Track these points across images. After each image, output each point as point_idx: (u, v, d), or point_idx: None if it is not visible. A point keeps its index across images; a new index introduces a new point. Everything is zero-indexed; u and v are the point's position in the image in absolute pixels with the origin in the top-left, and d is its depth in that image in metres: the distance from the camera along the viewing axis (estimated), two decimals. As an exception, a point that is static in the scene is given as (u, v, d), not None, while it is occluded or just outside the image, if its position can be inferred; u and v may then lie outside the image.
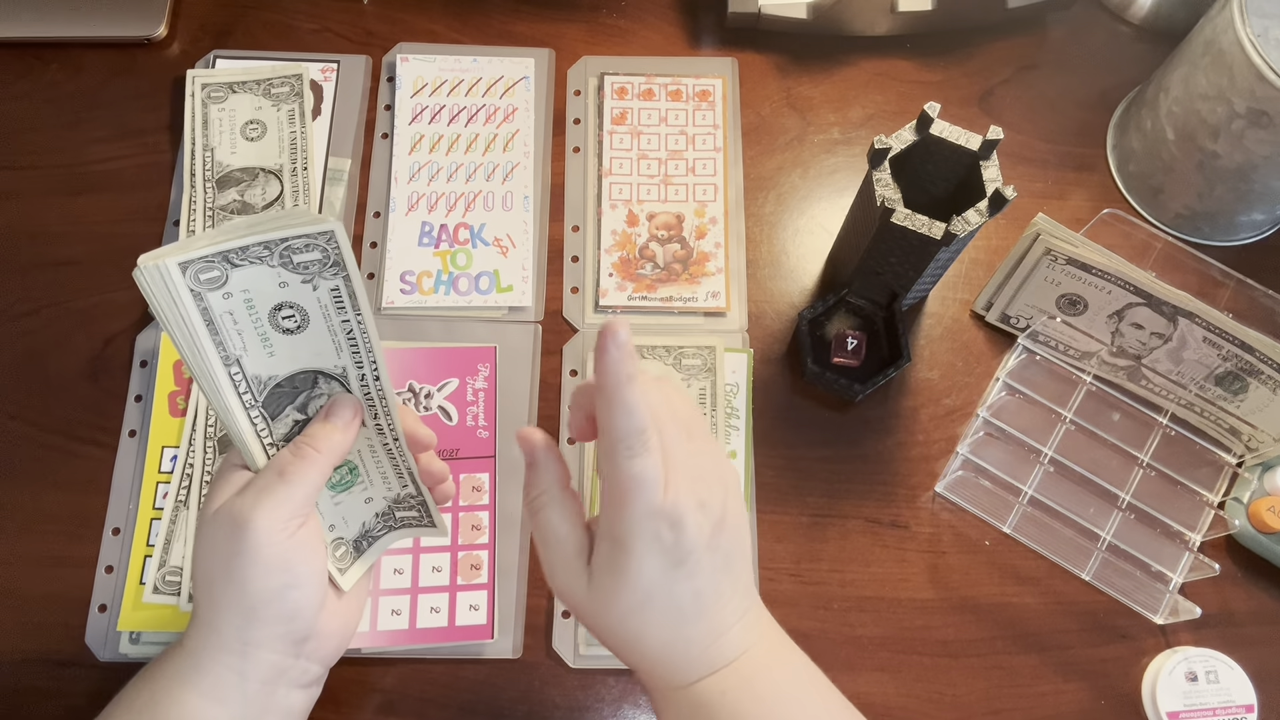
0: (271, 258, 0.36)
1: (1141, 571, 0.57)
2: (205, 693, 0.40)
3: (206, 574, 0.40)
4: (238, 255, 0.36)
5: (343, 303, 0.38)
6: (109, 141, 0.67)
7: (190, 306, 0.36)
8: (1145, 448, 0.60)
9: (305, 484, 0.40)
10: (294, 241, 0.36)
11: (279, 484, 0.40)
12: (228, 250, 0.36)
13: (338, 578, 0.44)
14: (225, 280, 0.36)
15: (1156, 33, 0.71)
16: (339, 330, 0.39)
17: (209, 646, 0.40)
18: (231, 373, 0.39)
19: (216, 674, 0.40)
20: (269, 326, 0.39)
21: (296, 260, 0.37)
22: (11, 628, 0.55)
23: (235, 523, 0.39)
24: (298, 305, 0.38)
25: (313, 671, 0.44)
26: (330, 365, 0.41)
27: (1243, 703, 0.54)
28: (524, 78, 0.68)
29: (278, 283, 0.37)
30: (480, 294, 0.62)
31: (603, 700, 0.54)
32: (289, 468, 0.40)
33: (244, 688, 0.40)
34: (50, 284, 0.63)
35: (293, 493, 0.40)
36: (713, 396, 0.59)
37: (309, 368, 0.40)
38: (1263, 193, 0.60)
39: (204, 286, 0.36)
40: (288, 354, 0.40)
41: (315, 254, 0.37)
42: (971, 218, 0.51)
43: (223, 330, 0.37)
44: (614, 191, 0.66)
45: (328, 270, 0.37)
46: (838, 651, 0.55)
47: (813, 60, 0.71)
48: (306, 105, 0.66)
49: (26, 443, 0.59)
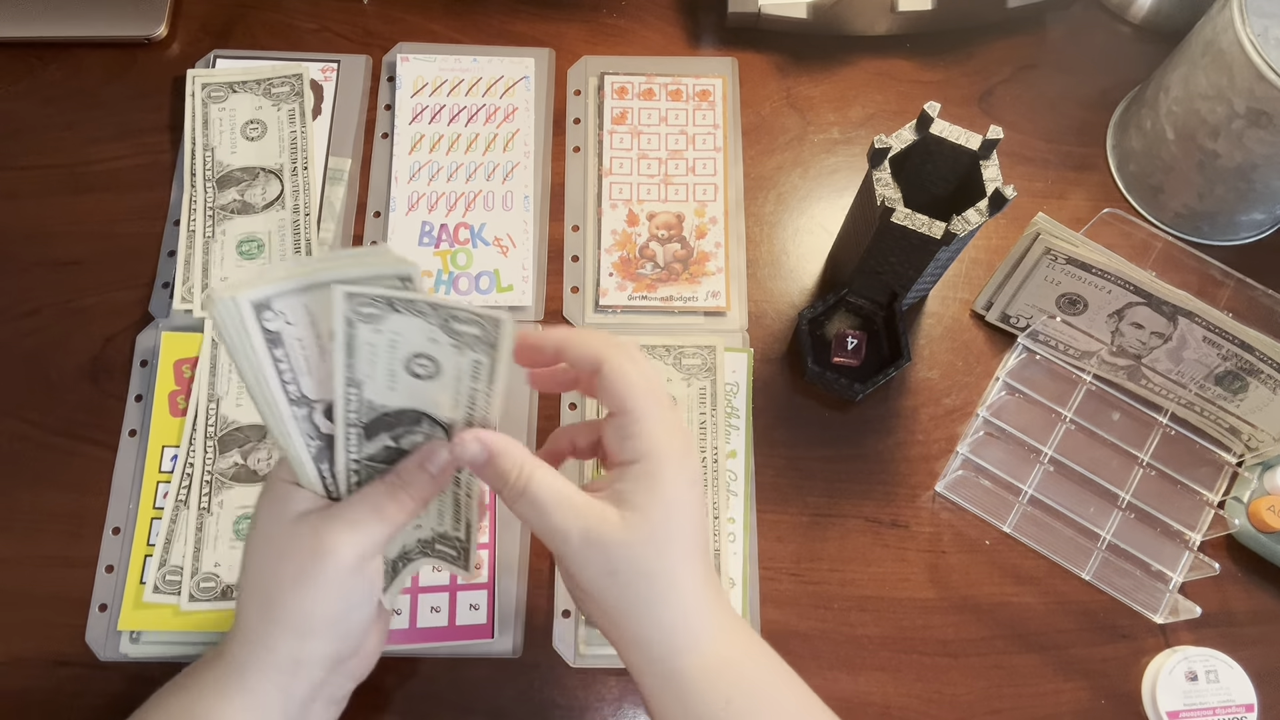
0: (433, 317, 0.36)
1: (1141, 571, 0.57)
2: (247, 708, 0.39)
3: (268, 589, 0.40)
4: (403, 305, 0.36)
5: (480, 375, 0.38)
6: (109, 141, 0.67)
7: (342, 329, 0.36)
8: (1145, 447, 0.60)
9: (395, 525, 0.40)
10: (460, 313, 0.36)
11: (374, 521, 0.39)
12: (396, 299, 0.35)
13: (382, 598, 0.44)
14: (382, 319, 0.36)
15: (1156, 32, 0.71)
16: (465, 393, 0.39)
17: (258, 663, 0.40)
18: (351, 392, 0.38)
19: (262, 690, 0.39)
20: (400, 368, 0.38)
21: (456, 328, 0.36)
22: (11, 628, 0.55)
23: (319, 548, 0.38)
24: (435, 359, 0.38)
25: (346, 688, 0.44)
26: (442, 415, 0.40)
27: (1242, 702, 0.54)
28: (524, 77, 0.68)
29: (429, 337, 0.37)
30: (480, 294, 0.62)
31: (603, 700, 0.54)
32: (387, 509, 0.40)
33: (287, 706, 0.40)
34: (50, 284, 0.63)
35: (384, 531, 0.39)
36: (713, 396, 0.59)
37: (421, 410, 0.40)
38: (1263, 192, 0.60)
39: (360, 319, 0.36)
40: (407, 393, 0.39)
41: (475, 330, 0.36)
42: (971, 217, 0.51)
43: (357, 354, 0.37)
44: (614, 191, 0.66)
45: (481, 347, 0.37)
46: (838, 651, 0.56)
47: (813, 60, 0.71)
48: (307, 105, 0.66)
49: (26, 443, 0.59)
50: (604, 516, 0.38)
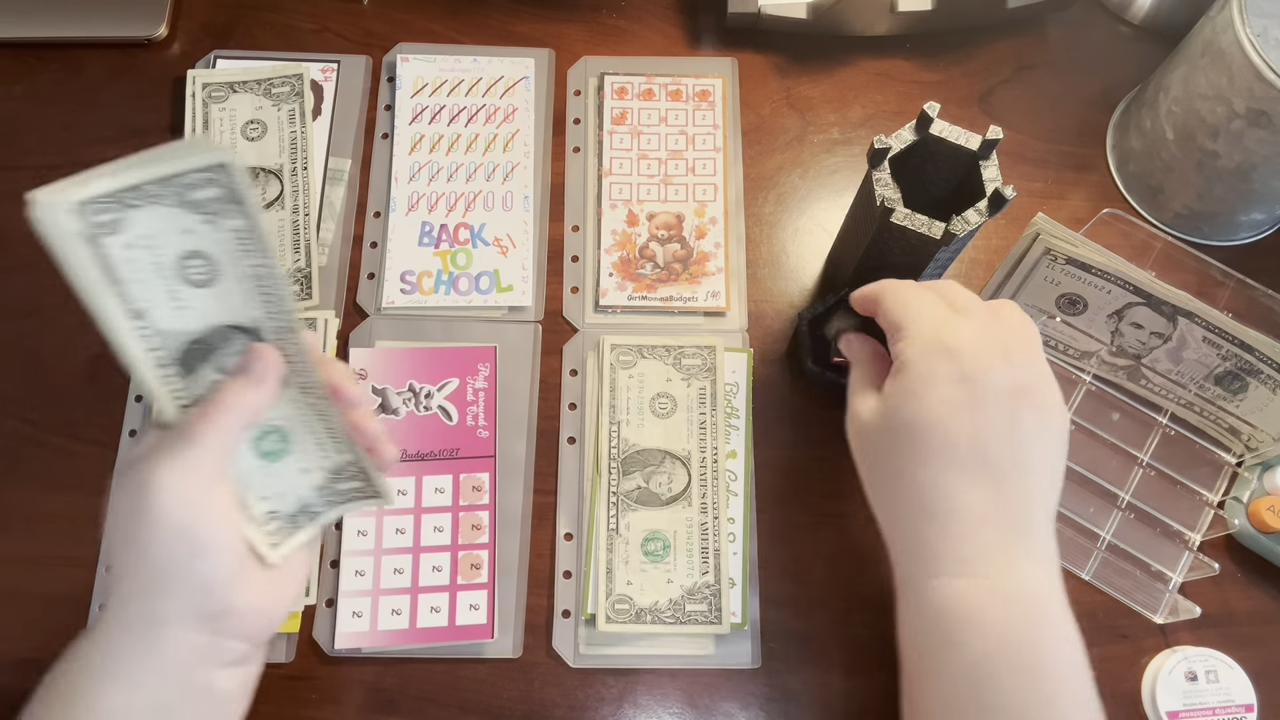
0: (168, 197, 0.34)
1: (1141, 571, 0.57)
2: (117, 678, 0.37)
3: (112, 542, 0.38)
4: (133, 195, 0.33)
5: (247, 245, 0.36)
6: (109, 141, 0.67)
7: (85, 252, 0.33)
8: (1145, 447, 0.60)
9: (211, 445, 0.37)
10: (188, 177, 0.33)
11: (182, 445, 0.36)
12: (122, 190, 0.33)
13: (265, 551, 0.41)
14: (123, 224, 0.34)
15: (1156, 33, 0.71)
16: (249, 277, 0.36)
17: (116, 623, 0.38)
18: (138, 326, 0.36)
19: (125, 655, 0.37)
20: (177, 279, 0.36)
21: (194, 198, 0.34)
22: (11, 628, 0.55)
23: (137, 485, 0.36)
24: (205, 254, 0.35)
25: (236, 649, 0.40)
26: (244, 318, 0.38)
27: (1242, 702, 0.54)
28: (524, 78, 0.68)
29: (181, 228, 0.34)
30: (480, 294, 0.62)
31: (603, 700, 0.54)
32: (193, 427, 0.37)
33: (157, 669, 0.37)
34: (50, 284, 0.63)
35: (198, 455, 0.37)
36: (713, 396, 0.59)
37: (223, 322, 0.37)
38: (1262, 193, 0.60)
39: (101, 230, 0.33)
40: (199, 308, 0.37)
41: (213, 190, 0.34)
42: (971, 217, 0.51)
43: (124, 280, 0.34)
44: (614, 191, 0.66)
45: (228, 208, 0.34)
46: (838, 651, 0.56)
47: (813, 60, 0.71)
48: (307, 105, 0.66)
49: (26, 443, 0.59)
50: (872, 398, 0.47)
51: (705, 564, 0.56)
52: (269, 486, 0.42)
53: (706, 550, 0.56)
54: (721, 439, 0.59)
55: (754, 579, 0.57)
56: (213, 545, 0.37)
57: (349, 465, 0.43)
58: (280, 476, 0.42)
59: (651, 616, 0.55)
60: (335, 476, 0.44)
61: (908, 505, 0.44)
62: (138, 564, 0.37)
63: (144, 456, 0.37)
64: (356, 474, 0.44)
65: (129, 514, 0.37)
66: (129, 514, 0.37)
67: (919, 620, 0.43)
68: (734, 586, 0.56)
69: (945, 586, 0.42)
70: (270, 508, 0.42)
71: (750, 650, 0.55)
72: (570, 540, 0.57)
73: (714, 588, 0.55)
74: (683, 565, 0.56)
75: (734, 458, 0.59)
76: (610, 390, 0.60)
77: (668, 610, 0.55)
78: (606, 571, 0.56)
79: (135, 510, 0.36)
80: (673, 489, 0.57)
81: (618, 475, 0.58)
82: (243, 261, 0.36)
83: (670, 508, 0.57)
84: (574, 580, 0.56)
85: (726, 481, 0.58)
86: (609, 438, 0.58)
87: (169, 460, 0.36)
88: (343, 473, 0.44)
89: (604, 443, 0.58)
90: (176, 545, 0.37)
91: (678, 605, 0.55)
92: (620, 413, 0.59)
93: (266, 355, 0.38)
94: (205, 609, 0.38)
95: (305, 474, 0.43)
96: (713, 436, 0.59)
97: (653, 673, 0.55)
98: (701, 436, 0.59)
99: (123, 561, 0.38)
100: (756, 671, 0.55)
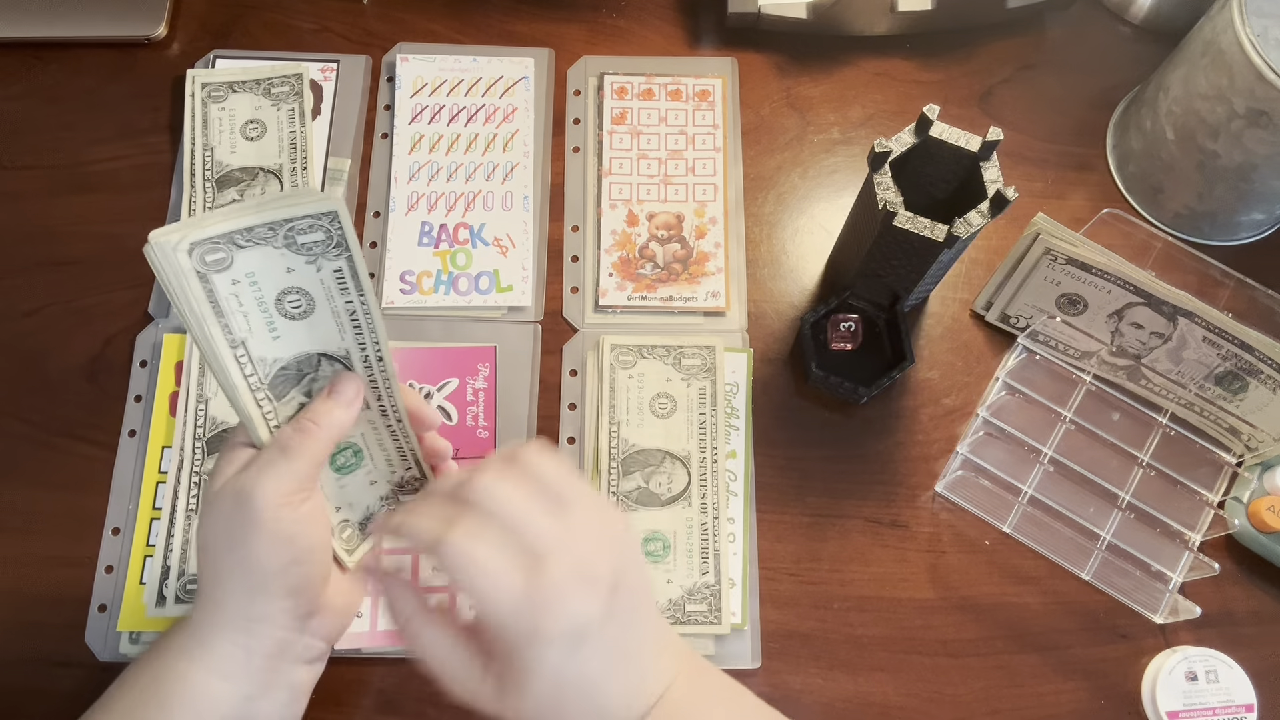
0: (276, 239, 0.36)
1: (1141, 571, 0.57)
2: (211, 668, 0.40)
3: (212, 550, 0.40)
4: (243, 236, 0.36)
5: (345, 284, 0.38)
6: (109, 141, 0.67)
7: (197, 288, 0.36)
8: (1145, 447, 0.60)
9: (306, 458, 0.40)
10: (298, 223, 0.36)
11: (281, 458, 0.40)
12: (233, 231, 0.36)
13: (344, 557, 0.44)
14: (231, 263, 0.36)
15: (1156, 33, 0.71)
16: (343, 312, 0.39)
17: (214, 623, 0.41)
18: (237, 354, 0.39)
19: (222, 649, 0.40)
20: (275, 312, 0.39)
21: (300, 241, 0.37)
22: (11, 628, 0.55)
23: (239, 497, 0.39)
24: (303, 290, 0.38)
25: (317, 648, 0.44)
26: (334, 348, 0.41)
27: (1242, 702, 0.54)
28: (524, 78, 0.68)
29: (284, 267, 0.37)
30: (480, 294, 0.62)
31: (603, 700, 0.54)
32: (290, 442, 0.40)
33: (249, 663, 0.41)
34: (50, 284, 0.63)
35: (295, 467, 0.40)
36: (713, 396, 0.59)
37: (313, 350, 0.41)
38: (1262, 192, 0.60)
39: (210, 268, 0.36)
40: (292, 338, 0.40)
41: (319, 235, 0.37)
42: (973, 219, 0.51)
43: (228, 312, 0.38)
44: (614, 191, 0.66)
45: (331, 251, 0.37)
46: (838, 651, 0.56)
47: (813, 60, 0.71)
48: (306, 105, 0.66)
49: (26, 443, 0.59)
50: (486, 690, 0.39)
51: (705, 564, 0.56)
52: (341, 497, 0.45)
53: (706, 550, 0.56)
54: (721, 439, 0.59)
55: (754, 579, 0.57)
56: (310, 551, 0.41)
57: (414, 480, 0.47)
58: (350, 488, 0.45)
59: (651, 617, 0.55)
60: (400, 489, 0.47)
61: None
62: (242, 569, 0.40)
63: (244, 471, 0.40)
64: (420, 488, 0.47)
65: (231, 523, 0.39)
66: (231, 523, 0.39)
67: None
68: (734, 586, 0.56)
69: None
70: (343, 517, 0.45)
71: (750, 650, 0.55)
72: (570, 540, 0.57)
73: (714, 588, 0.55)
74: (683, 565, 0.56)
75: (734, 458, 0.59)
76: (610, 390, 0.59)
77: (668, 610, 0.55)
78: (606, 572, 0.55)
79: (238, 520, 0.39)
80: (672, 489, 0.57)
81: (617, 475, 0.58)
82: (339, 298, 0.39)
83: (670, 508, 0.57)
84: (574, 580, 0.56)
85: (726, 481, 0.58)
86: (609, 438, 0.58)
87: (272, 473, 0.39)
88: (406, 486, 0.47)
89: (604, 443, 0.58)
90: (279, 551, 0.39)
91: (678, 605, 0.55)
92: (620, 413, 0.59)
93: (354, 382, 0.42)
94: (299, 609, 0.41)
95: (372, 485, 0.46)
96: (713, 436, 0.59)
97: (653, 673, 0.55)
98: (701, 437, 0.59)
99: (222, 566, 0.40)
100: (756, 671, 0.55)
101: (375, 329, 0.40)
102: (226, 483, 0.40)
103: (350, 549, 0.45)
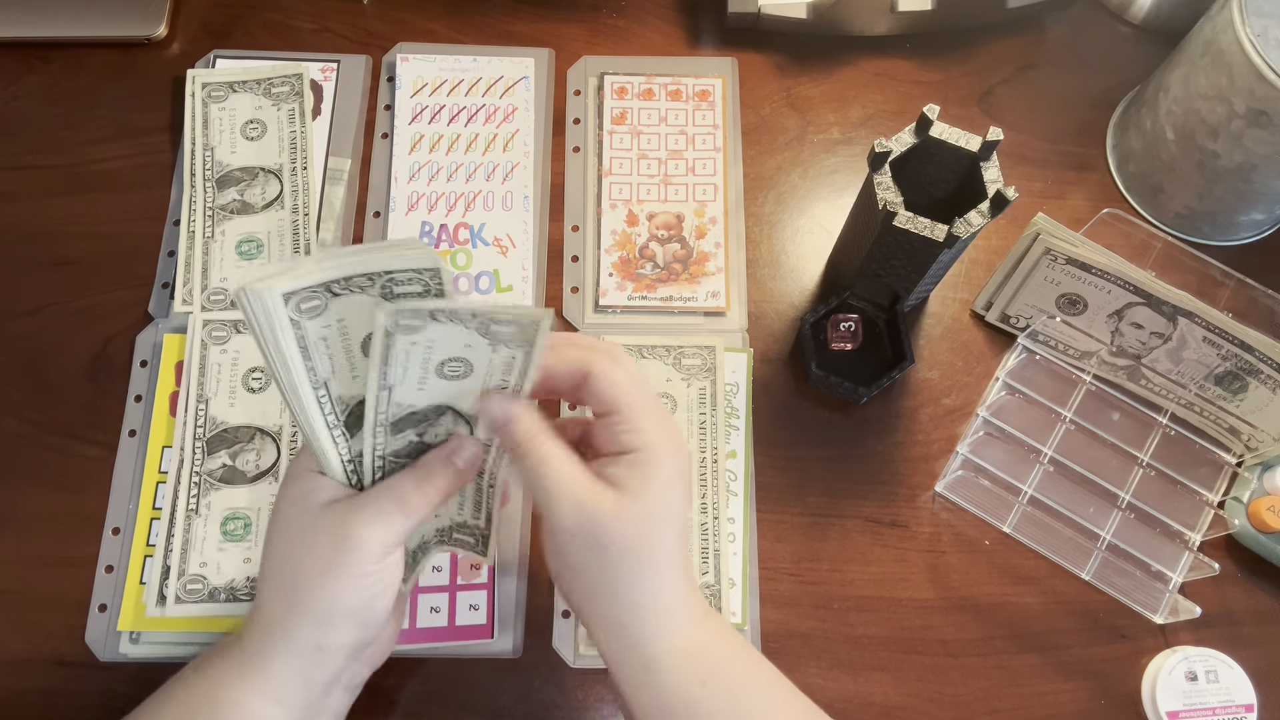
0: (372, 289, 0.36)
1: (1141, 571, 0.57)
2: (267, 694, 0.40)
3: (293, 577, 0.40)
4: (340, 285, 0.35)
5: (511, 370, 0.38)
6: (109, 141, 0.67)
7: (290, 335, 0.35)
8: (1145, 447, 0.60)
9: (416, 515, 0.40)
10: (397, 275, 0.35)
11: (399, 513, 0.40)
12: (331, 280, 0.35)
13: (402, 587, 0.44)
14: (325, 310, 0.36)
15: (1156, 33, 0.71)
16: (494, 385, 0.39)
17: (279, 650, 0.40)
18: (319, 395, 0.38)
19: (284, 676, 0.40)
20: (432, 371, 0.38)
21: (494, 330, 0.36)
22: (11, 628, 0.55)
23: (346, 538, 0.39)
24: (468, 361, 0.38)
25: (362, 674, 0.45)
26: (467, 408, 0.40)
27: (1242, 702, 0.54)
28: (524, 78, 0.68)
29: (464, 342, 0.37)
30: (480, 294, 0.62)
31: (603, 700, 0.54)
32: (412, 501, 0.40)
33: (308, 692, 0.41)
34: (50, 284, 0.63)
35: (404, 521, 0.40)
36: (713, 396, 0.59)
37: (446, 404, 0.40)
38: (1262, 192, 0.60)
39: (304, 315, 0.35)
40: (434, 391, 0.39)
41: (514, 329, 0.36)
42: (974, 219, 0.51)
43: (315, 356, 0.37)
44: (614, 191, 0.66)
45: (516, 344, 0.37)
46: (838, 651, 0.56)
47: (813, 60, 0.71)
48: (306, 105, 0.66)
49: (26, 443, 0.59)
50: (600, 493, 0.39)
51: (705, 564, 0.56)
52: None
53: (706, 550, 0.56)
54: (721, 439, 0.59)
55: (754, 579, 0.57)
56: (388, 589, 0.41)
57: (477, 529, 0.47)
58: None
59: (651, 617, 0.55)
60: (458, 528, 0.47)
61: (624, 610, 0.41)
62: (323, 603, 0.40)
63: (352, 510, 0.39)
64: (476, 534, 0.47)
65: (325, 558, 0.39)
66: (325, 558, 0.39)
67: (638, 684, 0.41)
68: (734, 586, 0.56)
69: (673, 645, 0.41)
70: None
71: (750, 650, 0.55)
72: (570, 540, 0.57)
73: (714, 588, 0.55)
74: (683, 565, 0.56)
75: (734, 458, 0.59)
76: (610, 390, 0.59)
77: (668, 610, 0.55)
78: (606, 572, 0.55)
79: (338, 559, 0.39)
80: (673, 489, 0.57)
81: (618, 475, 0.58)
82: (499, 377, 0.39)
83: (670, 508, 0.57)
84: (574, 580, 0.56)
85: (726, 481, 0.58)
86: (609, 438, 0.58)
87: (383, 525, 0.39)
88: (465, 529, 0.47)
89: (604, 443, 0.58)
90: (365, 592, 0.40)
91: (678, 605, 0.55)
92: (620, 413, 0.59)
93: (472, 452, 0.42)
94: (363, 641, 0.42)
95: (436, 518, 0.46)
96: (713, 436, 0.59)
97: (653, 673, 0.55)
98: (701, 436, 0.59)
99: (302, 596, 0.40)
100: (756, 671, 0.55)
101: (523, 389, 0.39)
102: (323, 514, 0.39)
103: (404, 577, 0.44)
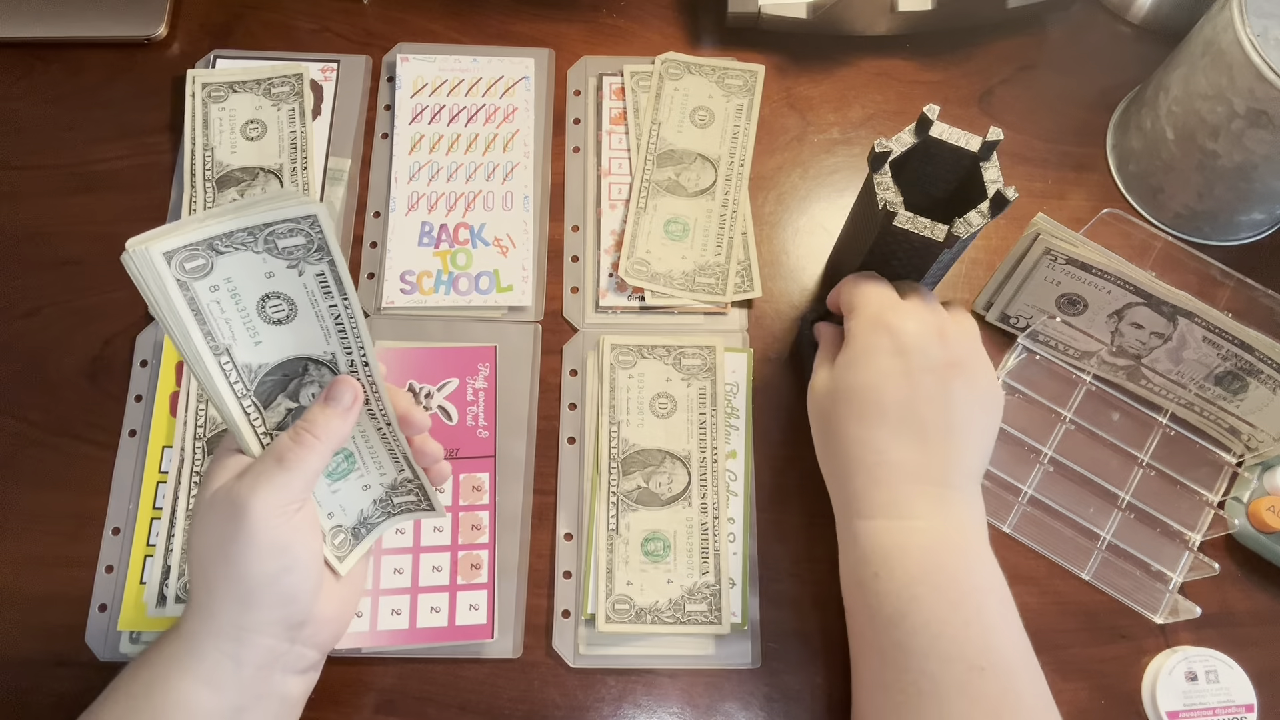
0: (256, 244, 0.36)
1: (1141, 571, 0.57)
2: (200, 677, 0.40)
3: (202, 558, 0.40)
4: (222, 242, 0.36)
5: (329, 288, 0.38)
6: (109, 141, 0.67)
7: (177, 296, 0.36)
8: (1145, 447, 0.60)
9: (304, 470, 0.40)
10: (278, 227, 0.36)
11: (278, 470, 0.39)
12: (213, 237, 0.35)
13: (335, 564, 0.44)
14: (211, 269, 0.36)
15: (1156, 33, 0.71)
16: (326, 316, 0.39)
17: (205, 632, 0.40)
18: (221, 361, 0.38)
19: (212, 659, 0.40)
20: (256, 318, 0.38)
21: (281, 246, 0.36)
22: (11, 628, 0.55)
23: (233, 507, 0.39)
24: (285, 295, 0.38)
25: (309, 657, 0.43)
26: (319, 352, 0.40)
27: (1242, 702, 0.54)
28: (524, 78, 0.68)
29: (264, 272, 0.37)
30: (480, 294, 0.62)
31: (603, 700, 0.54)
32: (288, 454, 0.40)
33: (239, 673, 0.40)
34: (50, 284, 0.63)
35: (291, 479, 0.39)
36: (713, 396, 0.59)
37: (298, 355, 0.40)
38: (1263, 193, 0.60)
39: (190, 276, 0.36)
40: (276, 343, 0.39)
41: (299, 239, 0.36)
42: (974, 219, 0.51)
43: (210, 319, 0.37)
44: (614, 191, 0.66)
45: (312, 255, 0.37)
46: (838, 651, 0.55)
47: (813, 60, 0.71)
48: (306, 105, 0.66)
49: (26, 443, 0.59)
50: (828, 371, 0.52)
51: (705, 564, 0.56)
52: (333, 502, 0.45)
53: (706, 550, 0.56)
54: (721, 439, 0.59)
55: (754, 579, 0.57)
56: (301, 561, 0.41)
57: (407, 482, 0.47)
58: (343, 493, 0.45)
59: (651, 616, 0.55)
60: (393, 491, 0.47)
61: (844, 459, 0.50)
62: (233, 579, 0.40)
63: (239, 481, 0.40)
64: (414, 489, 0.47)
65: (224, 533, 0.39)
66: (224, 533, 0.39)
67: (852, 558, 0.49)
68: (734, 586, 0.56)
69: (873, 526, 0.47)
70: (335, 522, 0.45)
71: (750, 650, 0.55)
72: (570, 540, 0.57)
73: (714, 588, 0.55)
74: (683, 565, 0.56)
75: (734, 458, 0.59)
76: (610, 390, 0.60)
77: (668, 610, 0.55)
78: (606, 571, 0.56)
79: (231, 530, 0.39)
80: (673, 489, 0.57)
81: (617, 475, 0.58)
82: (322, 302, 0.39)
83: (670, 508, 0.57)
84: (574, 580, 0.56)
85: (726, 481, 0.58)
86: (609, 438, 0.58)
87: (267, 485, 0.39)
88: (400, 488, 0.47)
89: (604, 443, 0.58)
90: (271, 562, 0.40)
91: (678, 605, 0.55)
92: (620, 413, 0.59)
93: (351, 386, 0.41)
94: (291, 619, 0.41)
95: (366, 490, 0.46)
96: (713, 436, 0.59)
97: (652, 673, 0.55)
98: (701, 436, 0.59)
99: (214, 576, 0.40)
100: (756, 671, 0.55)
101: (360, 333, 0.40)
102: (219, 491, 0.40)
103: (342, 555, 0.45)
